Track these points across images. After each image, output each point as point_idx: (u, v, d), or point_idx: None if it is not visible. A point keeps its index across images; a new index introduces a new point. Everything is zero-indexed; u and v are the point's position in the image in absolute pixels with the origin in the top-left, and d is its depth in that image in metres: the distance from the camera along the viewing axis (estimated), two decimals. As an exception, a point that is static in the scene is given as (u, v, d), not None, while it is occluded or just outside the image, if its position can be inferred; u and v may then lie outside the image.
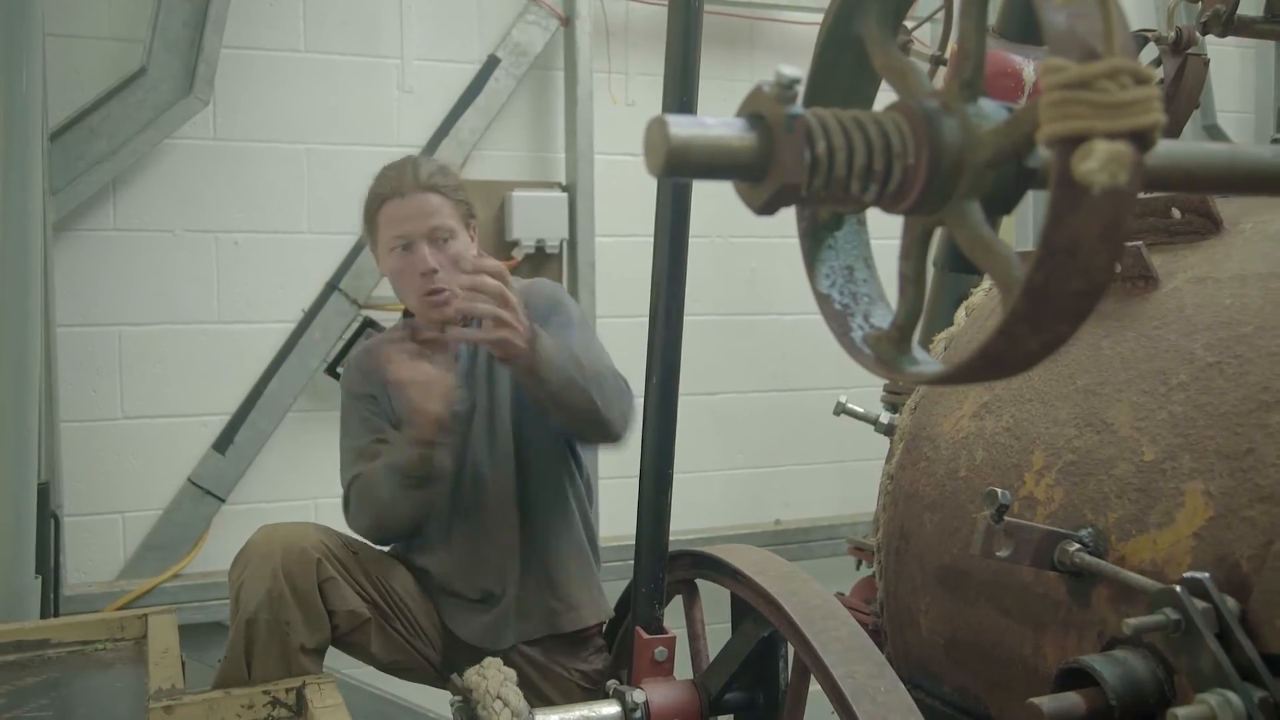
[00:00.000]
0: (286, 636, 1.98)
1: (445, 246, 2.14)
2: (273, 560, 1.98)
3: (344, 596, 2.04)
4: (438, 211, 2.14)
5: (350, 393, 2.30)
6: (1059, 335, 0.61)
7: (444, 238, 2.14)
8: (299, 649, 1.99)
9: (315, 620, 2.01)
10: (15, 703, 2.03)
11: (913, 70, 0.72)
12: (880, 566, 1.78)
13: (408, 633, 2.19)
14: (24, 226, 2.73)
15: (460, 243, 2.16)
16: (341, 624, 2.05)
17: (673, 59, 1.59)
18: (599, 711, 1.65)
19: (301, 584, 1.98)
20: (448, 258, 2.13)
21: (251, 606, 1.96)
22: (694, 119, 0.64)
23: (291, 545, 2.00)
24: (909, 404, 1.81)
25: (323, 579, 2.01)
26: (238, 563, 2.03)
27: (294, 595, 1.97)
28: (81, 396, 3.35)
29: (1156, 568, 1.22)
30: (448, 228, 2.14)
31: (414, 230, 2.13)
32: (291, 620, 1.98)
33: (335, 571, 2.03)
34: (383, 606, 2.14)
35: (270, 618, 1.96)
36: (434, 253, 2.13)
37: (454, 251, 2.14)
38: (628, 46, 3.89)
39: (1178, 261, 1.44)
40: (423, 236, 2.13)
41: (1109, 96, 0.55)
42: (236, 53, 3.42)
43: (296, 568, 1.98)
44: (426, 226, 2.13)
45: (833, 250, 0.80)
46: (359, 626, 2.08)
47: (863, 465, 4.07)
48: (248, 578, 1.99)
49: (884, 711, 1.31)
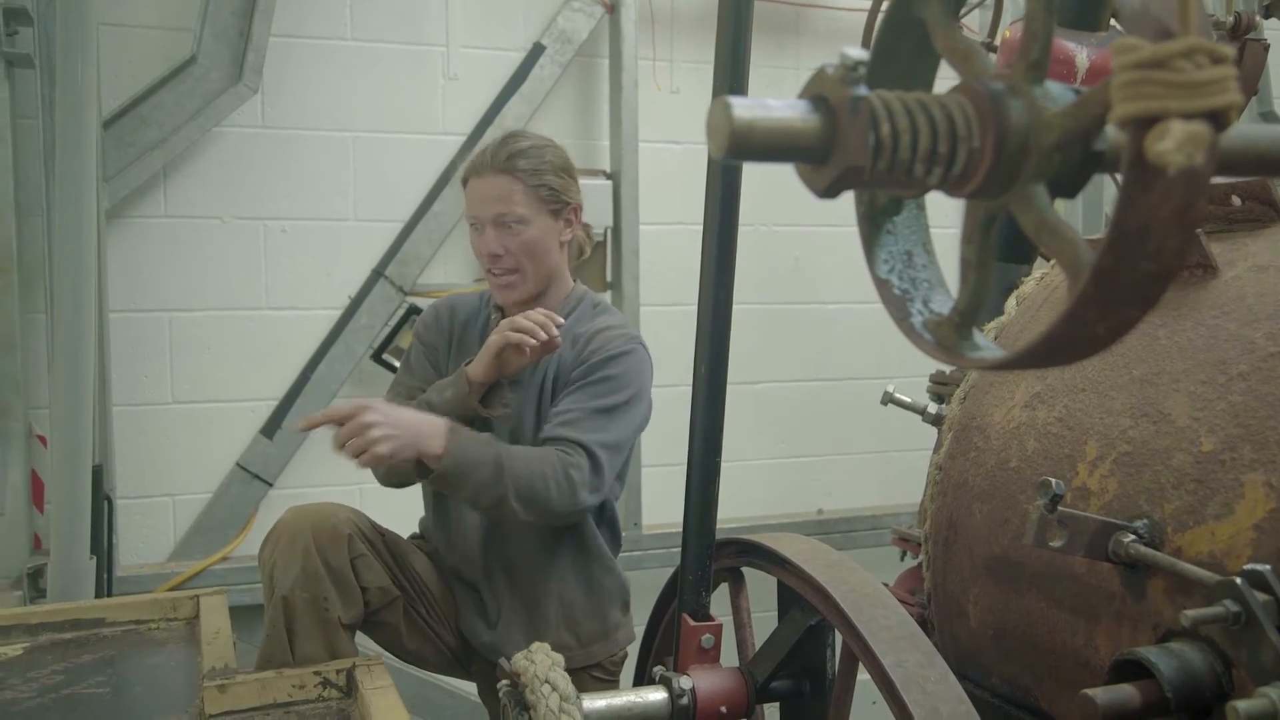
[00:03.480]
0: (325, 611, 2.00)
1: (516, 232, 2.13)
2: (304, 538, 2.00)
3: (376, 573, 2.07)
4: (507, 197, 2.12)
5: (418, 335, 2.35)
6: (1127, 320, 0.60)
7: (511, 223, 2.13)
8: (338, 623, 2.01)
9: (350, 595, 2.03)
10: (72, 679, 2.07)
11: (977, 52, 0.71)
12: (928, 557, 1.77)
13: (430, 618, 2.21)
14: (79, 214, 2.78)
15: (535, 229, 2.14)
16: (373, 600, 2.08)
17: (723, 45, 1.57)
18: (646, 698, 1.65)
19: (335, 560, 2.00)
20: (519, 243, 2.13)
21: (287, 584, 1.98)
22: (757, 101, 0.63)
23: (322, 523, 2.02)
24: (958, 394, 1.80)
25: (354, 555, 2.03)
26: (268, 543, 2.05)
27: (328, 571, 1.99)
28: (132, 381, 3.41)
29: (1215, 560, 1.20)
30: (515, 214, 2.12)
31: (481, 213, 2.15)
32: (329, 595, 2.00)
33: (365, 549, 2.06)
34: (408, 589, 2.16)
35: (307, 594, 1.98)
36: (500, 236, 2.13)
37: (526, 238, 2.13)
38: (673, 33, 3.88)
39: (1238, 249, 1.41)
40: (489, 221, 2.14)
41: (1185, 76, 0.54)
42: (284, 41, 3.45)
43: (329, 544, 2.00)
44: (492, 211, 2.13)
45: (891, 235, 0.80)
46: (389, 604, 2.11)
47: (905, 455, 4.05)
48: (280, 556, 2.01)
49: (934, 701, 1.30)
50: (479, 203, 2.15)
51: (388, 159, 3.58)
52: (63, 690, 2.02)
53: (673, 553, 2.25)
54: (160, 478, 3.47)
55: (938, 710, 1.30)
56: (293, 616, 1.99)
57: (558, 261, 2.22)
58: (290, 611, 1.99)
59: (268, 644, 2.02)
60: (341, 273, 3.58)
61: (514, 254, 2.14)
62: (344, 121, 3.56)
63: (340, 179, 3.57)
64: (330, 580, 2.00)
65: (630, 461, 3.33)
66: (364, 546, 2.06)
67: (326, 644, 2.01)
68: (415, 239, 3.59)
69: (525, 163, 2.13)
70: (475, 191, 2.16)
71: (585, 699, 1.57)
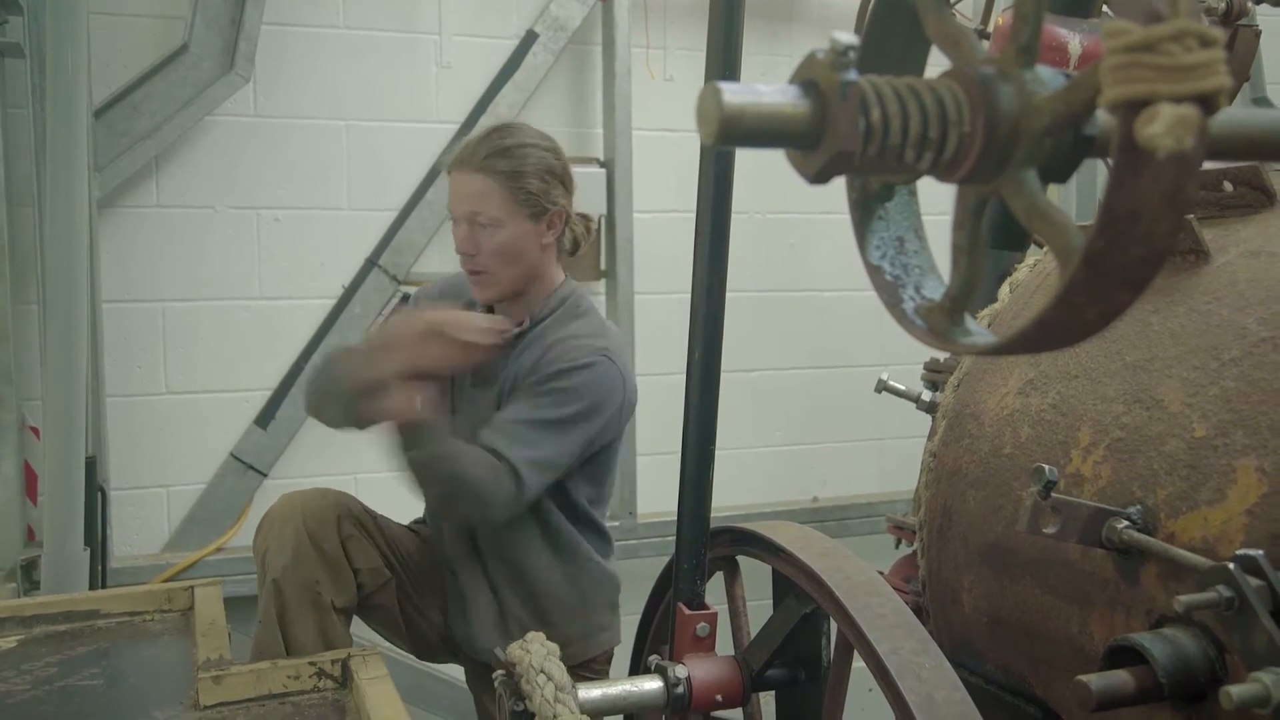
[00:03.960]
0: (318, 596, 2.00)
1: (489, 234, 2.07)
2: (294, 522, 2.00)
3: (367, 554, 2.07)
4: (482, 197, 2.06)
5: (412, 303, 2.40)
6: (1118, 304, 0.60)
7: (484, 224, 2.07)
8: (330, 607, 2.01)
9: (342, 578, 2.03)
10: (66, 671, 2.07)
11: (967, 37, 0.70)
12: (922, 544, 1.77)
13: (423, 602, 2.21)
14: (70, 204, 2.77)
15: (509, 233, 2.07)
16: (366, 582, 2.08)
17: (716, 32, 1.57)
18: (642, 686, 1.65)
19: (326, 542, 2.00)
20: (491, 245, 2.07)
21: (279, 568, 1.99)
22: (747, 86, 0.63)
23: (311, 507, 2.03)
24: (952, 381, 1.80)
25: (344, 536, 2.03)
26: (261, 529, 2.06)
27: (319, 554, 1.99)
28: (125, 372, 3.40)
29: (1208, 545, 1.20)
30: (489, 216, 2.06)
31: (456, 210, 2.12)
32: (321, 579, 2.00)
33: (355, 530, 2.06)
34: (400, 573, 2.16)
35: (299, 579, 1.98)
36: (472, 235, 2.08)
37: (499, 241, 2.07)
38: (666, 21, 3.87)
39: (1229, 235, 1.41)
40: (463, 219, 2.10)
41: (1174, 59, 0.53)
42: (277, 29, 3.44)
43: (319, 528, 2.01)
44: (466, 209, 2.09)
45: (883, 221, 0.79)
46: (382, 586, 2.11)
47: (900, 442, 4.05)
48: (272, 541, 2.01)
49: (929, 688, 1.30)
50: (455, 199, 2.11)
51: (381, 147, 3.56)
52: (57, 682, 2.02)
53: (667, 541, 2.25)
54: (154, 468, 3.46)
55: (932, 697, 1.30)
56: (285, 602, 1.99)
57: (536, 262, 2.14)
58: (282, 597, 1.99)
59: (261, 631, 2.03)
60: (335, 262, 3.57)
61: (485, 255, 2.08)
62: (337, 110, 3.55)
63: (333, 168, 3.56)
64: (322, 563, 2.00)
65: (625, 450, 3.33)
66: (354, 528, 2.06)
67: (320, 630, 2.01)
68: (409, 228, 3.58)
69: (505, 164, 2.06)
70: (454, 186, 2.11)
71: (580, 688, 1.57)
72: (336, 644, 2.03)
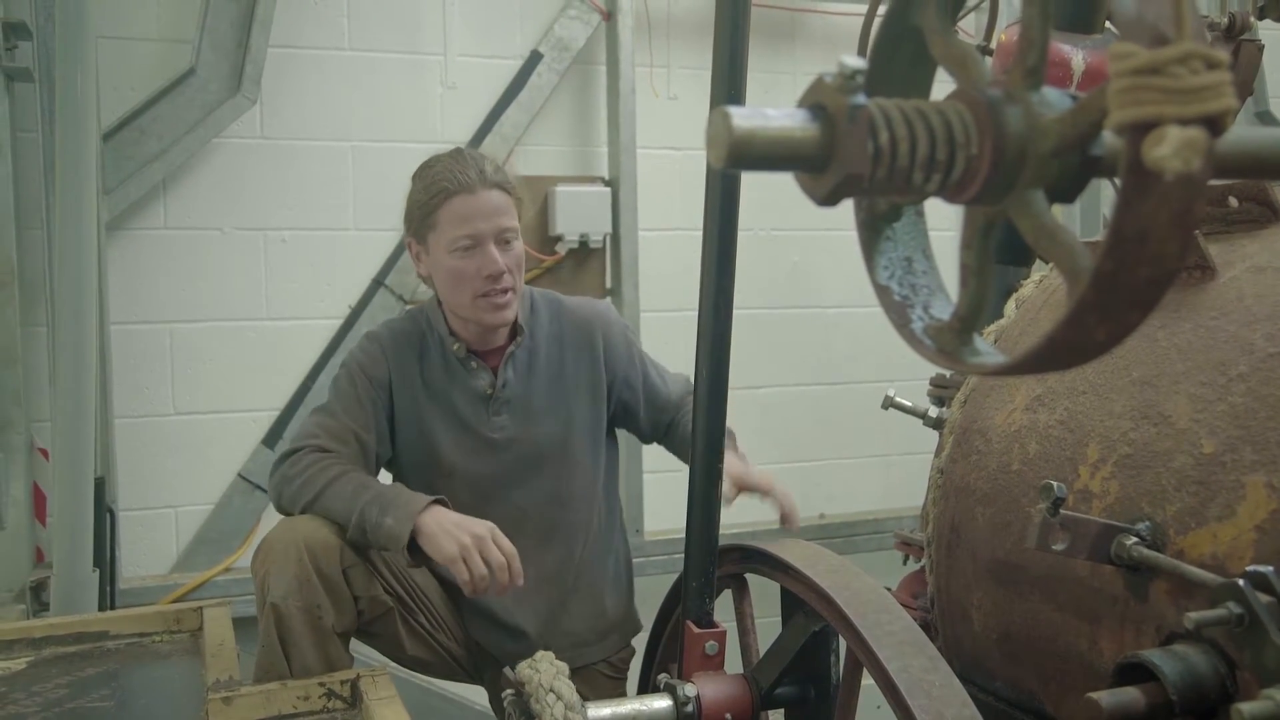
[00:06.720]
0: (319, 620, 1.98)
1: (512, 247, 2.12)
2: (297, 547, 1.98)
3: (368, 583, 2.05)
4: (506, 211, 2.10)
5: (361, 365, 2.20)
6: (1128, 324, 0.60)
7: (509, 239, 2.11)
8: (331, 631, 2.00)
9: (343, 605, 2.01)
10: (76, 693, 2.07)
11: (973, 59, 0.71)
12: (931, 561, 1.77)
13: (431, 626, 2.20)
14: (79, 227, 2.78)
15: (520, 243, 2.14)
16: (366, 610, 2.06)
17: (720, 51, 1.58)
18: (651, 705, 1.65)
19: (327, 568, 1.98)
20: (514, 259, 2.11)
21: (279, 592, 1.96)
22: (756, 110, 0.63)
23: (313, 534, 2.00)
24: (959, 397, 1.80)
25: (346, 565, 2.01)
26: (259, 554, 2.03)
27: (321, 579, 1.97)
28: (133, 393, 3.41)
29: (1217, 561, 1.20)
30: (514, 229, 2.11)
31: (484, 230, 2.08)
32: (322, 604, 1.98)
33: (358, 558, 2.04)
34: (405, 599, 2.15)
35: (301, 602, 1.96)
36: (502, 253, 2.09)
37: (518, 252, 2.13)
38: (670, 40, 3.89)
39: (1235, 251, 1.41)
40: (491, 236, 2.09)
41: (1180, 82, 0.54)
42: (282, 52, 3.46)
43: (321, 553, 1.98)
44: (496, 226, 2.08)
45: (891, 241, 0.80)
46: (383, 615, 2.10)
47: (907, 459, 4.05)
48: (272, 565, 1.98)
49: (939, 706, 1.30)
50: (478, 219, 2.07)
51: (387, 168, 3.58)
52: (67, 704, 2.02)
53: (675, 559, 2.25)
54: (162, 489, 3.46)
55: (943, 715, 1.30)
56: (286, 626, 1.97)
57: None
58: (282, 621, 1.97)
59: (262, 656, 2.01)
60: (342, 282, 3.58)
61: (512, 271, 2.11)
62: (343, 131, 3.57)
63: (340, 189, 3.58)
64: (323, 588, 1.98)
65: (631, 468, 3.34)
66: (356, 556, 2.04)
67: (322, 653, 2.00)
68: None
69: (503, 176, 2.13)
70: (468, 209, 2.07)
71: (590, 707, 1.57)
72: (338, 666, 2.02)
